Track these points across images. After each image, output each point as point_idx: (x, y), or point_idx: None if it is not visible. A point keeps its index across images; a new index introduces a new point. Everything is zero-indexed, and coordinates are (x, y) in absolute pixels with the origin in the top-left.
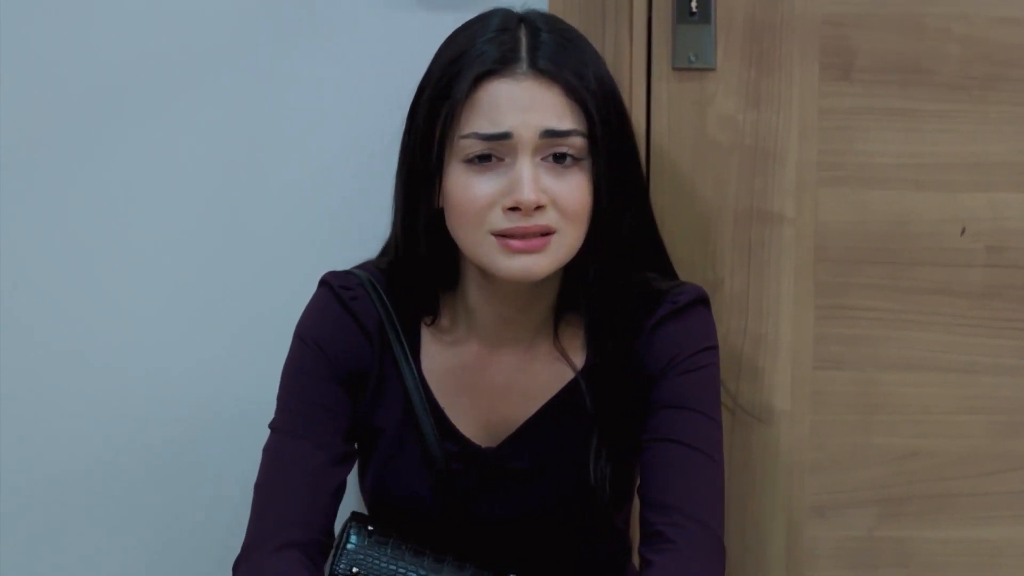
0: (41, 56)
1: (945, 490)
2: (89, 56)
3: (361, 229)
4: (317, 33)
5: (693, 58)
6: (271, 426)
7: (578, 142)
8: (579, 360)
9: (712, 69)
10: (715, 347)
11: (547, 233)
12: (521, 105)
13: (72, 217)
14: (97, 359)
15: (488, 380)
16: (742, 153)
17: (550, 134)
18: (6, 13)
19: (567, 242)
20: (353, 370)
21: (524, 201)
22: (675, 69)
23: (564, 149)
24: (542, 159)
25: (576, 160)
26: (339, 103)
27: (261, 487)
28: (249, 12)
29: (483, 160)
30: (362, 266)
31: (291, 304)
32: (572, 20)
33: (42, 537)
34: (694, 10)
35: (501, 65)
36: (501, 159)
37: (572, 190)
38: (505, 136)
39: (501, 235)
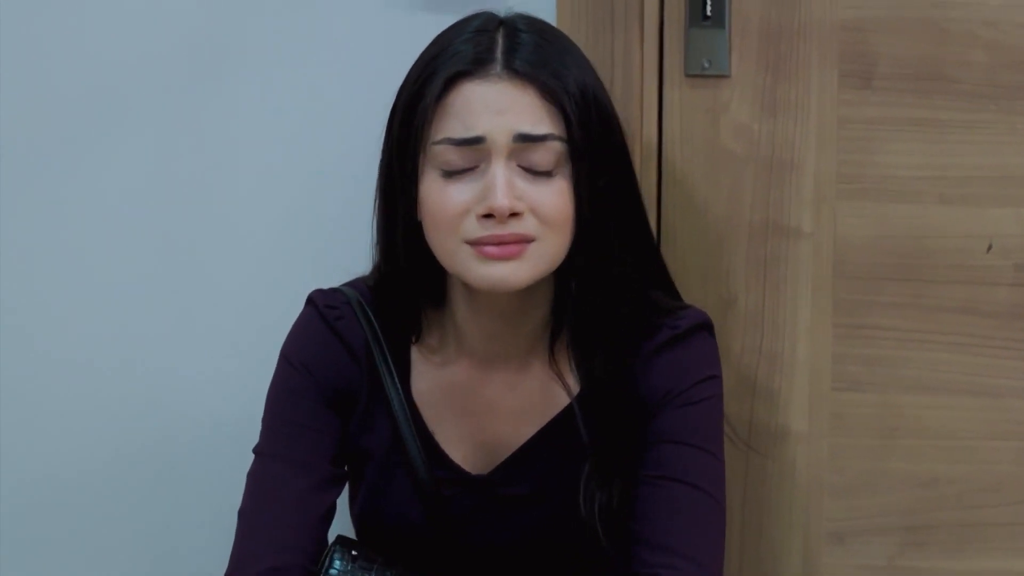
0: (38, 57)
1: (970, 519)
2: (85, 59)
3: (362, 237)
4: (317, 36)
5: (707, 64)
6: (255, 450)
7: (556, 146)
8: (575, 382)
9: (726, 76)
10: (718, 376)
11: (525, 240)
12: (495, 108)
13: (66, 222)
14: (91, 364)
15: (480, 401)
16: (757, 164)
17: (524, 138)
18: (4, 13)
19: (547, 251)
20: (341, 391)
21: (497, 207)
22: (688, 76)
23: (540, 153)
24: (519, 164)
25: (555, 165)
26: (338, 107)
27: (244, 513)
28: (247, 14)
29: (454, 165)
30: (352, 283)
31: (291, 312)
32: (580, 24)
33: (34, 543)
34: (708, 14)
35: (475, 66)
36: (475, 164)
37: (551, 197)
38: (478, 140)
39: (476, 243)
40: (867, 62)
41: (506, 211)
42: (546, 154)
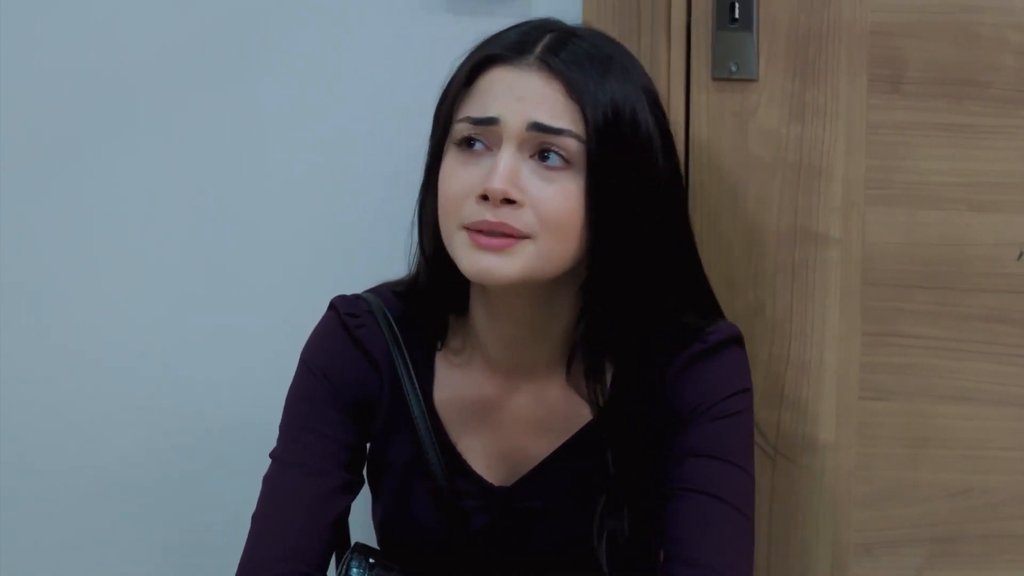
0: (48, 55)
1: (1000, 530)
2: (112, 60)
3: (387, 240)
4: (343, 37)
5: (734, 68)
6: (272, 455)
7: (572, 145)
8: (599, 398)
9: (754, 80)
10: (748, 389)
11: (516, 235)
12: (516, 94)
13: (88, 225)
14: (111, 368)
15: (503, 412)
16: (786, 169)
17: (538, 128)
18: (9, 12)
19: (542, 252)
20: (359, 400)
21: (492, 189)
22: (715, 79)
23: (553, 148)
24: (531, 156)
25: (568, 164)
26: (364, 109)
27: (256, 518)
28: (273, 16)
29: (470, 145)
30: (375, 289)
31: (313, 315)
32: (607, 27)
33: (50, 546)
34: (736, 17)
35: (511, 53)
36: (489, 148)
37: (554, 195)
38: (491, 121)
39: (469, 227)
40: (896, 66)
41: (499, 195)
42: (558, 149)
